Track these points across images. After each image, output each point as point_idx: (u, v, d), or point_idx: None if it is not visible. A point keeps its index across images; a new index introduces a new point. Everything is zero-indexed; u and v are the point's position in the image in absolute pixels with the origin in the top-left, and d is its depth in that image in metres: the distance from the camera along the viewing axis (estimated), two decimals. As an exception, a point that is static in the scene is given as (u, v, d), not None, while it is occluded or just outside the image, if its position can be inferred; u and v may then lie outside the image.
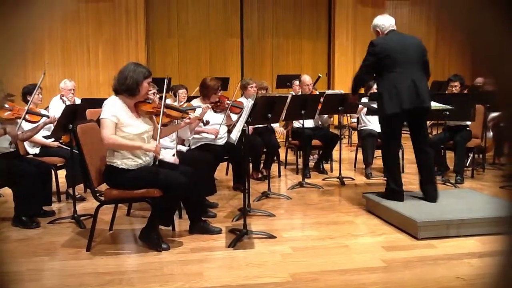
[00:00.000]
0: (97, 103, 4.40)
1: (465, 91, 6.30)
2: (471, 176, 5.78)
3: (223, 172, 5.88)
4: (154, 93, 4.15)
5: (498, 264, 0.82)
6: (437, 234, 3.59)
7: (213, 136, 4.68)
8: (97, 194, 3.43)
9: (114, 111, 3.27)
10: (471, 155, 5.99)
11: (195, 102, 4.79)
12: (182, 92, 5.81)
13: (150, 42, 10.81)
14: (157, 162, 3.38)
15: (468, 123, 5.61)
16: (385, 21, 4.28)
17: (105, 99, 3.43)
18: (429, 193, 4.12)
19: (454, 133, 5.53)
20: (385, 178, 5.63)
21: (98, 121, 3.74)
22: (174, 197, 3.41)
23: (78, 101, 5.61)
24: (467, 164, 5.96)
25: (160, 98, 4.14)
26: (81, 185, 4.81)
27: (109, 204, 3.57)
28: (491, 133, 6.37)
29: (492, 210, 3.88)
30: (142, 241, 3.44)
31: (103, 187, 3.50)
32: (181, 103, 5.25)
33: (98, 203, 3.40)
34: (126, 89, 3.33)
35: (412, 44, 4.16)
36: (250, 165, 5.49)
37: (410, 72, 4.03)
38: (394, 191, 4.15)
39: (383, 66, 4.08)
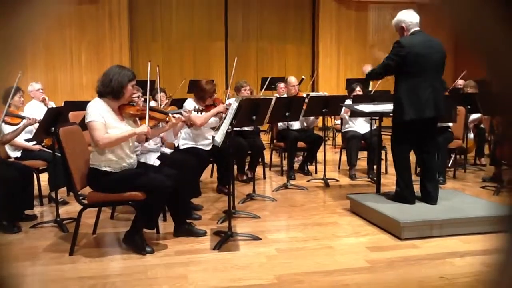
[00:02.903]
0: (80, 105, 4.36)
1: (447, 93, 6.39)
2: (453, 177, 5.86)
3: (208, 174, 5.86)
4: (138, 96, 4.12)
5: (499, 263, 0.82)
6: (420, 234, 3.63)
7: (205, 141, 4.69)
8: (80, 198, 3.39)
9: (101, 113, 3.25)
10: (453, 156, 6.07)
11: (189, 102, 4.77)
12: (161, 95, 5.78)
13: (133, 45, 10.74)
14: (147, 144, 3.34)
15: (450, 124, 5.69)
16: (412, 18, 4.03)
17: (89, 101, 3.40)
18: (429, 195, 4.10)
19: (436, 134, 5.60)
20: (369, 179, 5.72)
21: (81, 124, 3.71)
22: (159, 200, 3.38)
23: (52, 104, 5.58)
24: (449, 165, 6.05)
25: (145, 100, 4.13)
26: (64, 189, 4.75)
27: (92, 207, 3.54)
28: (472, 134, 6.47)
29: (474, 209, 3.95)
30: (126, 244, 3.41)
31: (87, 190, 3.46)
32: (162, 106, 5.23)
33: (81, 207, 3.37)
34: (110, 92, 3.30)
35: (436, 49, 3.99)
36: (235, 167, 5.49)
37: (432, 79, 3.93)
38: (404, 194, 4.12)
39: (407, 70, 3.93)
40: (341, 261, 3.18)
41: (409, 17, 4.04)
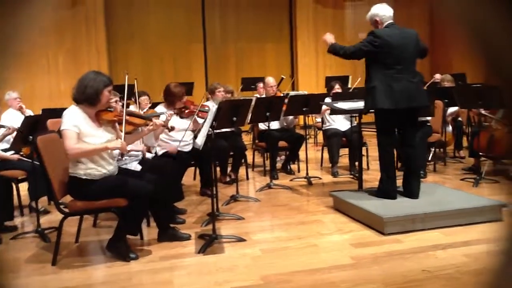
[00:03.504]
0: (58, 113, 4.28)
1: (425, 88, 6.47)
2: (433, 170, 5.95)
3: (190, 178, 5.84)
4: (116, 101, 4.09)
5: (500, 262, 0.83)
6: (403, 228, 3.67)
7: (184, 143, 4.67)
8: (61, 206, 3.34)
9: (75, 121, 3.20)
10: (433, 149, 6.16)
11: (160, 108, 4.75)
12: (144, 99, 5.75)
13: (111, 49, 10.63)
14: (123, 159, 3.31)
15: (429, 118, 5.76)
16: (386, 11, 4.14)
17: (66, 108, 3.35)
18: (411, 189, 4.15)
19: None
20: (351, 176, 5.77)
21: (59, 132, 3.66)
22: (141, 206, 3.36)
23: (30, 112, 5.51)
24: (429, 159, 6.13)
25: (123, 105, 4.09)
26: (45, 198, 4.69)
27: (74, 216, 3.49)
28: (450, 128, 6.58)
29: (454, 202, 4.01)
30: (109, 251, 3.37)
31: (68, 198, 3.41)
32: (144, 110, 5.19)
33: (63, 216, 3.32)
34: (86, 99, 3.26)
35: (411, 40, 4.07)
36: (218, 169, 5.48)
37: (407, 70, 4.00)
38: (387, 190, 4.17)
39: (381, 61, 4.00)
40: (326, 259, 3.20)
41: (383, 11, 4.14)
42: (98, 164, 3.29)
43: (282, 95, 6.25)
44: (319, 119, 7.30)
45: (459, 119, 6.85)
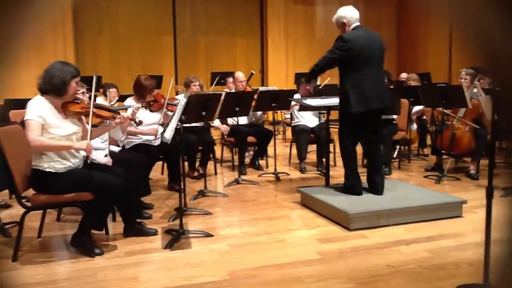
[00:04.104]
0: (21, 103, 4.16)
1: (392, 87, 6.60)
2: (398, 167, 6.08)
3: (158, 172, 5.78)
4: (83, 93, 4.00)
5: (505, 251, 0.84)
6: (368, 224, 3.74)
7: (152, 137, 4.61)
8: (23, 200, 3.24)
9: (40, 112, 3.11)
10: (398, 147, 6.30)
11: (129, 101, 4.68)
12: (112, 91, 5.63)
13: (78, 39, 10.38)
14: (89, 161, 3.24)
15: (394, 116, 5.89)
16: (353, 14, 4.17)
17: (30, 99, 3.26)
18: (376, 186, 4.23)
19: (381, 126, 5.78)
20: (318, 172, 5.84)
21: (22, 123, 3.55)
22: (107, 200, 3.30)
23: None
24: (394, 156, 6.27)
25: (90, 97, 4.00)
26: (6, 191, 4.54)
27: (36, 210, 3.40)
28: (415, 126, 6.74)
29: (418, 199, 4.12)
30: (73, 247, 3.30)
31: (30, 192, 3.32)
32: (112, 103, 5.09)
33: (24, 210, 3.23)
34: (52, 89, 3.18)
35: (377, 42, 4.15)
36: (186, 163, 5.44)
37: (375, 72, 4.07)
38: (352, 186, 4.24)
39: (351, 64, 4.04)
40: (292, 254, 3.23)
41: (349, 13, 4.18)
42: (63, 156, 3.22)
43: (251, 90, 6.25)
44: (288, 115, 7.34)
45: (424, 117, 7.02)
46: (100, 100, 5.75)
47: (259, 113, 6.13)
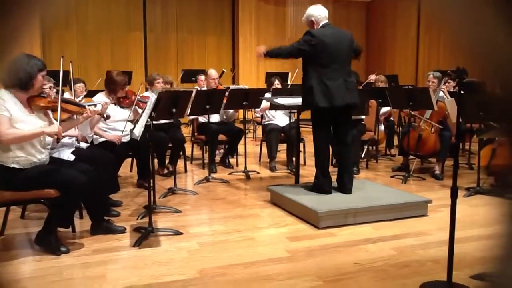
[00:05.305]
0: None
1: (360, 87, 6.71)
2: (366, 167, 6.19)
3: (127, 169, 5.69)
4: (50, 87, 3.90)
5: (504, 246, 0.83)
6: (336, 223, 3.79)
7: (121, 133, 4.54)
8: (-15, 197, 3.14)
9: (6, 106, 3.02)
10: (366, 147, 6.41)
11: (99, 97, 4.59)
12: (79, 86, 5.52)
13: (45, 34, 10.10)
14: (59, 143, 3.15)
15: (363, 117, 5.98)
16: (321, 12, 4.24)
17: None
18: (345, 185, 4.28)
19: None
20: (288, 171, 5.88)
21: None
22: (73, 197, 3.22)
23: None
24: (362, 156, 6.37)
25: (57, 92, 3.90)
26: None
27: (-1, 207, 3.30)
28: (383, 127, 6.87)
29: (384, 198, 4.20)
30: (38, 245, 3.22)
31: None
32: (79, 98, 4.98)
33: (-13, 207, 3.13)
34: (18, 83, 3.09)
35: (345, 40, 4.20)
36: (155, 160, 5.38)
37: (342, 69, 4.11)
38: (321, 185, 4.27)
39: (317, 60, 4.08)
40: (262, 252, 3.25)
41: (317, 11, 4.26)
42: (28, 152, 3.13)
43: (223, 88, 6.24)
44: (258, 114, 7.36)
45: (391, 118, 7.17)
46: (67, 95, 5.61)
47: (231, 111, 6.12)
